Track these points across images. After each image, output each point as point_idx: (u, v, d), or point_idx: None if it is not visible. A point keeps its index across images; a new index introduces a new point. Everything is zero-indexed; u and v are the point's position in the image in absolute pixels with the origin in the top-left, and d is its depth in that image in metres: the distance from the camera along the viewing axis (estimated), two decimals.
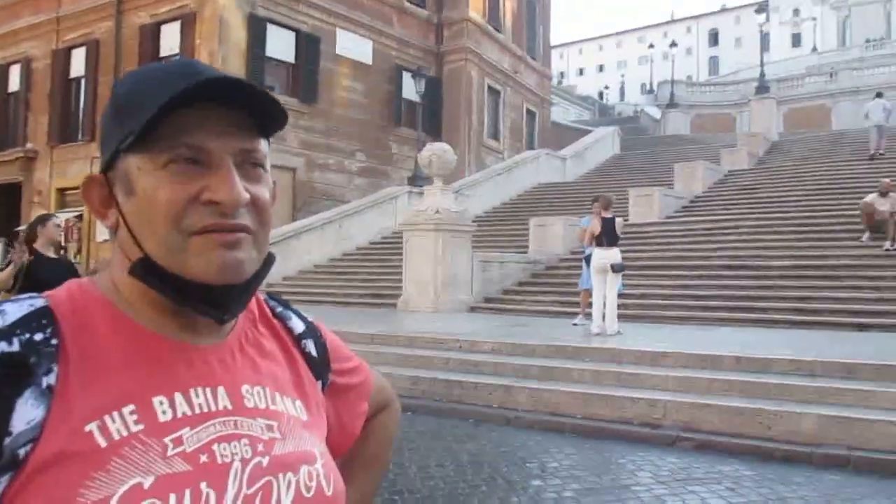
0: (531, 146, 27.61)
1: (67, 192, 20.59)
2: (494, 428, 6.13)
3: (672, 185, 17.37)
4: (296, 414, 0.78)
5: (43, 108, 21.41)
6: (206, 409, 0.71)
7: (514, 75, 27.67)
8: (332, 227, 17.14)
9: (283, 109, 0.74)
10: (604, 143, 26.41)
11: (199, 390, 0.71)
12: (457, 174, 18.30)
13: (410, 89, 21.55)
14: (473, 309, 12.46)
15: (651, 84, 57.25)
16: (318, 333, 0.90)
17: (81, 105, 20.75)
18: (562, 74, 77.00)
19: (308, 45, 19.97)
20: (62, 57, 21.20)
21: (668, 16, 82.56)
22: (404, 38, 23.27)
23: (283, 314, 0.88)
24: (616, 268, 8.48)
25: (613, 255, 8.55)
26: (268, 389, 0.77)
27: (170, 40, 18.71)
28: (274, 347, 0.83)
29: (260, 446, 0.72)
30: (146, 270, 0.71)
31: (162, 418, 0.68)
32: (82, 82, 20.79)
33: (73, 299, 0.72)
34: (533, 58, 29.73)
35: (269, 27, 19.07)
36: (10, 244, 15.62)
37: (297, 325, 0.88)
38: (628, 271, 9.48)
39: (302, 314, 0.90)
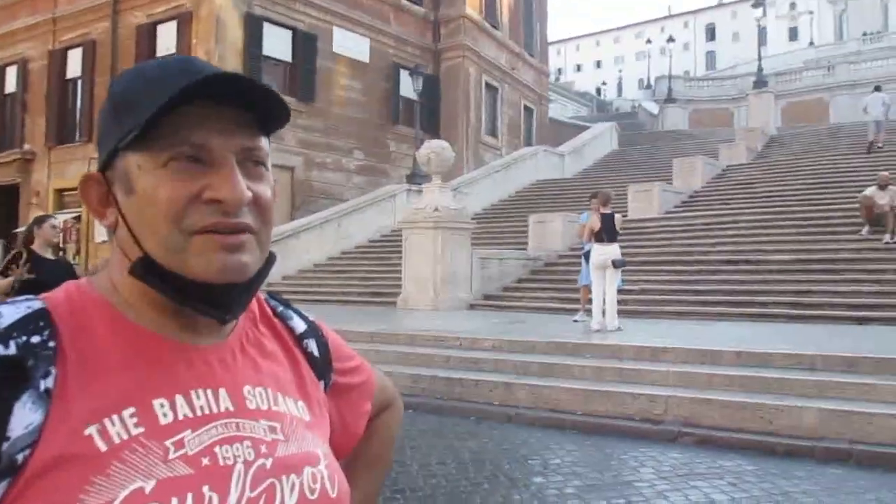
0: (529, 143, 27.60)
1: (65, 193, 20.59)
2: (495, 425, 6.13)
3: (671, 180, 17.35)
4: (298, 415, 0.77)
5: (40, 109, 21.39)
6: (207, 411, 0.70)
7: (511, 72, 27.65)
8: (331, 226, 17.14)
9: (285, 106, 0.73)
10: (602, 140, 26.40)
11: (201, 392, 0.70)
12: (455, 171, 18.29)
13: (408, 87, 21.53)
14: (473, 306, 12.46)
15: (648, 80, 57.16)
16: (319, 333, 0.89)
17: (78, 106, 20.73)
18: (559, 71, 76.95)
19: (305, 44, 19.94)
20: (59, 58, 21.17)
21: (665, 11, 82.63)
22: (401, 36, 23.25)
23: (284, 314, 0.87)
24: (617, 263, 8.48)
25: (613, 251, 8.55)
26: (270, 390, 0.76)
27: (166, 40, 18.68)
28: (275, 347, 0.82)
29: (263, 448, 0.71)
30: (146, 270, 0.70)
31: (163, 421, 0.67)
32: (79, 83, 20.77)
33: (71, 301, 0.71)
34: (530, 54, 29.71)
35: (266, 26, 19.04)
36: (9, 246, 15.61)
37: (299, 325, 0.87)
38: (628, 267, 9.48)
39: (303, 314, 0.90)
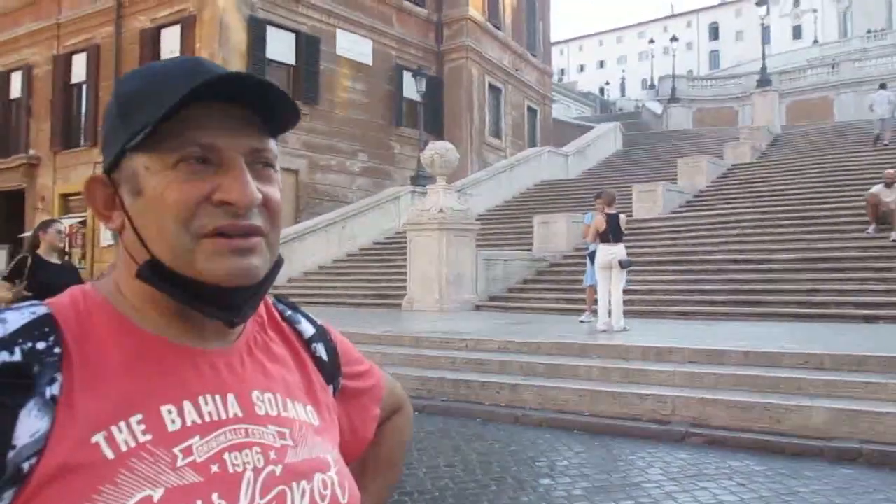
0: (533, 143, 27.59)
1: (71, 198, 20.65)
2: (502, 427, 6.11)
3: (675, 179, 17.29)
4: (307, 420, 0.76)
5: (45, 114, 21.47)
6: (216, 417, 0.69)
7: (514, 73, 27.65)
8: (336, 228, 17.14)
9: (296, 107, 0.72)
10: (606, 140, 26.36)
11: (209, 397, 0.69)
12: (459, 173, 18.30)
13: (411, 89, 21.54)
14: (478, 308, 12.44)
15: (652, 79, 57.11)
16: (328, 337, 0.88)
17: (83, 110, 20.81)
18: (562, 71, 76.97)
19: (308, 47, 19.97)
20: (63, 63, 21.24)
21: (668, 10, 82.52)
22: (404, 38, 23.26)
23: (292, 318, 0.86)
24: (623, 263, 8.46)
25: (619, 251, 8.54)
26: (279, 395, 0.75)
27: (170, 44, 18.73)
28: (283, 352, 0.81)
29: (272, 454, 0.70)
30: (154, 273, 0.69)
31: (171, 428, 0.66)
32: (83, 88, 20.85)
33: (77, 306, 0.70)
34: (533, 55, 29.70)
35: (269, 29, 19.07)
36: (15, 251, 15.65)
37: (307, 329, 0.86)
38: (633, 267, 9.45)
39: (311, 317, 0.89)
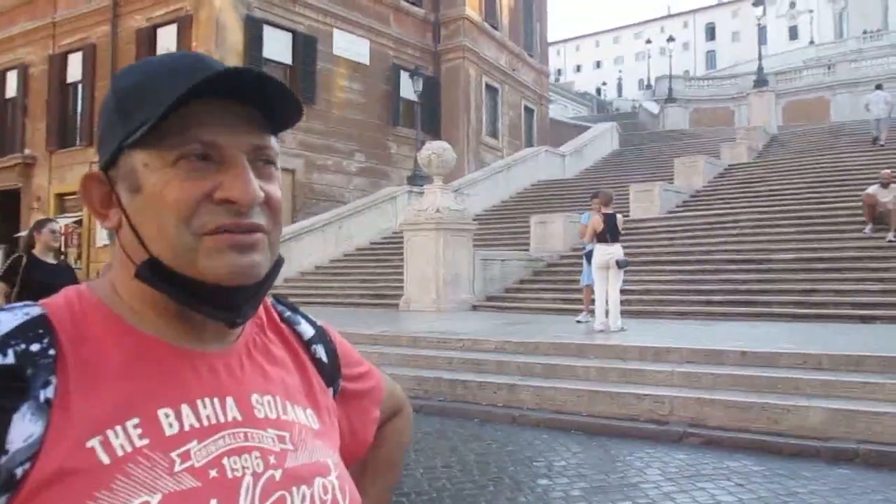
0: (530, 143, 27.59)
1: (66, 198, 20.60)
2: (500, 427, 6.10)
3: (672, 179, 17.32)
4: (307, 423, 0.75)
5: (41, 113, 21.41)
6: (214, 420, 0.67)
7: (511, 73, 27.65)
8: (333, 228, 17.12)
9: (299, 104, 0.71)
10: (602, 140, 26.38)
11: (207, 401, 0.68)
12: (456, 173, 18.28)
13: (408, 89, 21.52)
14: (475, 308, 12.43)
15: (649, 79, 57.14)
16: (327, 338, 0.86)
17: (79, 110, 20.75)
18: (559, 71, 76.99)
19: (305, 46, 19.94)
20: (59, 62, 21.18)
21: (664, 11, 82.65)
22: (401, 38, 23.24)
23: (291, 318, 0.85)
24: (621, 264, 8.45)
25: (616, 251, 8.53)
26: (278, 398, 0.73)
27: (166, 43, 18.68)
28: (283, 354, 0.79)
29: (272, 459, 0.68)
30: (154, 273, 0.67)
31: (168, 432, 0.64)
32: (79, 87, 20.79)
33: (71, 307, 0.68)
34: (530, 55, 29.71)
35: (266, 28, 19.05)
36: (10, 250, 15.59)
37: (307, 330, 0.84)
38: (631, 267, 9.45)
39: (311, 318, 0.87)
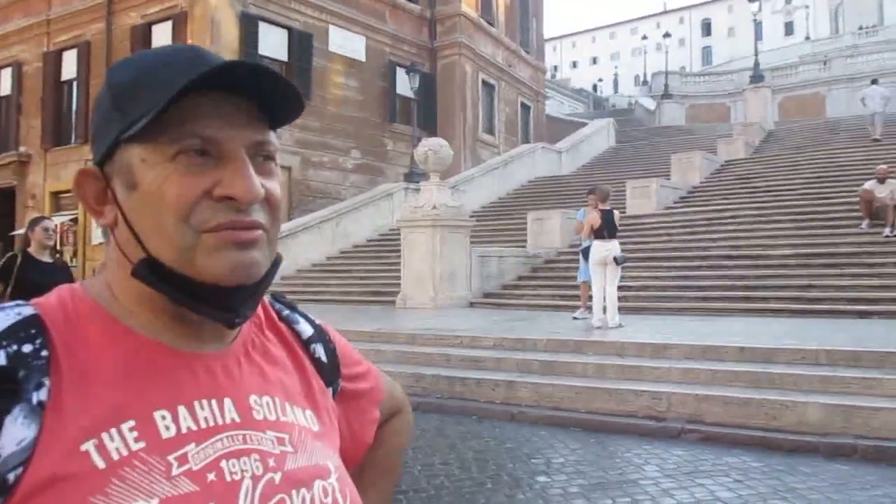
0: (526, 140, 27.57)
1: (61, 196, 20.53)
2: (498, 424, 6.09)
3: (669, 176, 17.32)
4: (307, 425, 0.73)
5: (35, 111, 21.31)
6: (212, 422, 0.65)
7: (508, 69, 27.61)
8: (329, 226, 17.09)
9: (300, 98, 0.69)
10: (599, 136, 26.38)
11: (205, 402, 0.66)
12: (453, 169, 18.25)
13: (405, 85, 21.48)
14: (472, 304, 12.42)
15: (645, 76, 57.18)
16: (326, 337, 0.85)
17: (74, 107, 20.65)
18: (555, 68, 76.91)
19: (301, 43, 19.88)
20: (53, 59, 21.08)
21: (660, 7, 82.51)
22: (397, 34, 23.18)
23: (289, 317, 0.83)
24: (618, 260, 8.44)
25: (614, 247, 8.52)
26: (277, 399, 0.72)
27: (161, 41, 18.58)
28: (282, 353, 0.78)
29: (271, 461, 0.67)
30: (151, 272, 0.65)
31: (165, 434, 0.62)
32: (74, 84, 20.69)
33: (65, 306, 0.67)
34: (527, 51, 29.67)
35: (261, 25, 18.98)
36: (5, 249, 15.53)
37: (305, 329, 0.83)
38: (628, 263, 9.45)
39: (309, 317, 0.86)
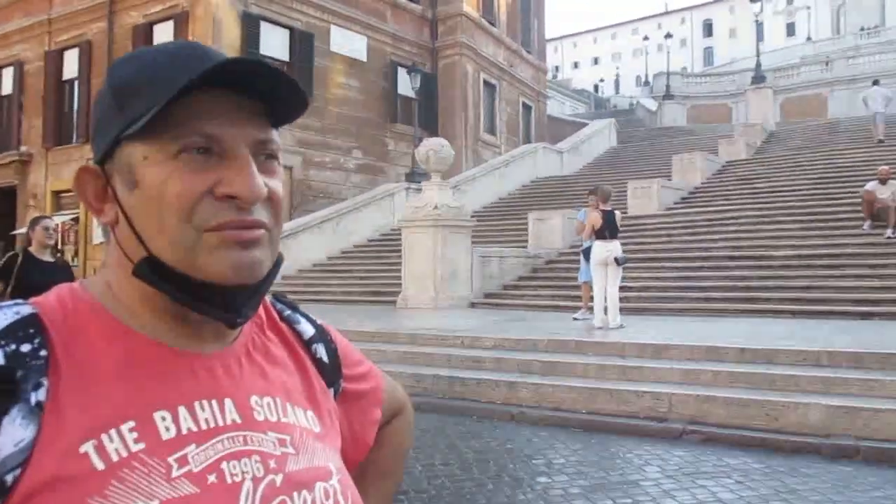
0: (528, 140, 27.55)
1: (63, 195, 20.53)
2: (498, 424, 6.08)
3: (670, 176, 17.30)
4: (308, 426, 0.72)
5: (37, 110, 21.32)
6: (212, 423, 0.65)
7: (509, 69, 27.60)
8: (330, 225, 17.09)
9: (304, 96, 0.68)
10: (600, 136, 26.36)
11: (205, 403, 0.65)
12: (454, 169, 18.24)
13: (406, 85, 21.47)
14: (473, 305, 12.41)
15: (646, 76, 57.12)
16: (328, 337, 0.84)
17: (75, 107, 20.66)
18: (556, 68, 76.89)
19: (302, 43, 19.88)
20: (55, 59, 21.09)
21: (661, 7, 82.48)
22: (399, 34, 23.18)
23: (291, 317, 0.82)
24: (620, 260, 8.44)
25: (615, 248, 8.51)
26: (279, 400, 0.71)
27: (163, 40, 18.54)
28: (283, 354, 0.77)
29: (272, 463, 0.66)
30: (152, 271, 0.65)
31: (165, 436, 0.62)
32: (75, 84, 20.69)
33: (64, 306, 0.66)
34: (528, 52, 29.66)
35: (263, 25, 18.99)
36: (7, 248, 15.54)
37: (307, 329, 0.82)
38: (629, 264, 9.44)
39: (311, 317, 0.85)
